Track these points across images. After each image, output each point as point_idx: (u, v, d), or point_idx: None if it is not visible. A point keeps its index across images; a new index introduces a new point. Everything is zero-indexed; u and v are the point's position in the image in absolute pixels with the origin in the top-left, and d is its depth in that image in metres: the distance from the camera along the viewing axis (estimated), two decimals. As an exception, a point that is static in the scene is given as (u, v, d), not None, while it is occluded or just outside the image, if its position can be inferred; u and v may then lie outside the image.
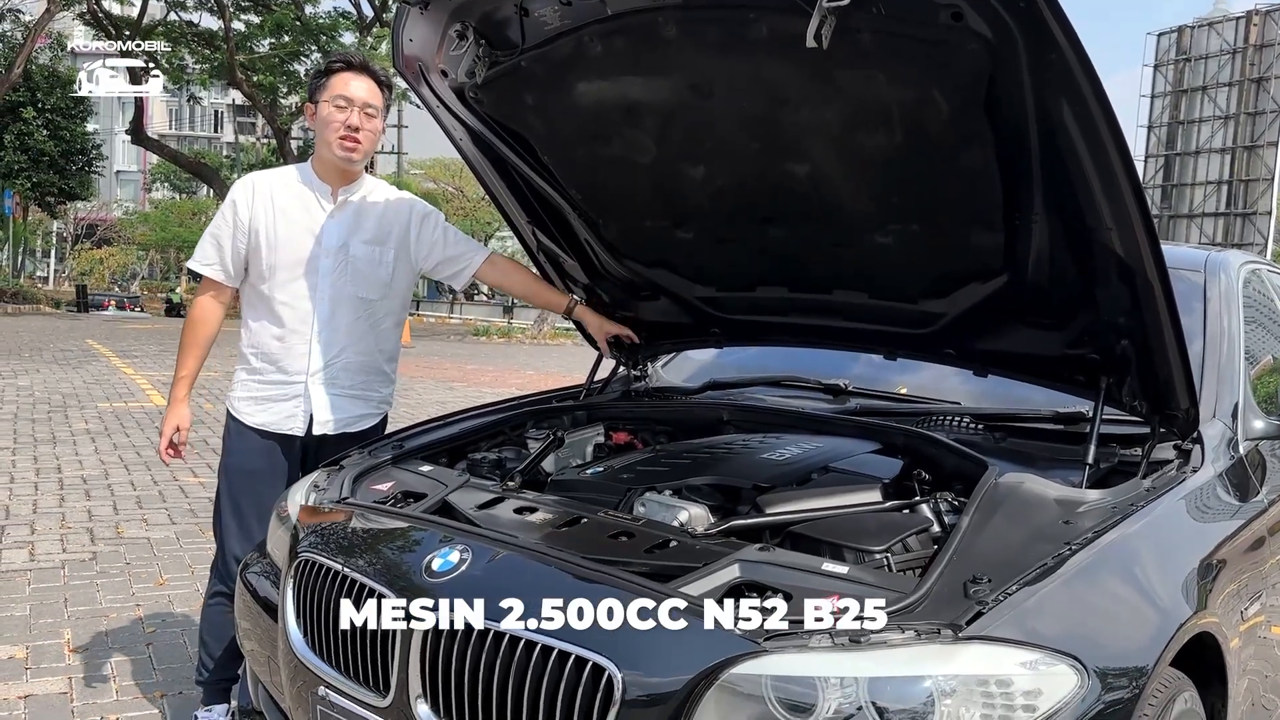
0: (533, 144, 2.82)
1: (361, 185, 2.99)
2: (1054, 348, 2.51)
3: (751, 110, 2.39)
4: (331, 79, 2.84)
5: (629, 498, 2.34)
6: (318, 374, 2.93)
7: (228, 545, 2.97)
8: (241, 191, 2.93)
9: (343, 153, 2.84)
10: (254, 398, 2.96)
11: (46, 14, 24.25)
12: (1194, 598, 2.05)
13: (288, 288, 2.89)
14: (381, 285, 2.98)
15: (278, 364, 2.93)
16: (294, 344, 2.92)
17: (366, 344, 2.99)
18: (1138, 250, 2.07)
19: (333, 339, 2.93)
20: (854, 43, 2.01)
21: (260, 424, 2.95)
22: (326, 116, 2.83)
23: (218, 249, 2.92)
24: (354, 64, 2.88)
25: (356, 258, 2.93)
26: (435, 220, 3.10)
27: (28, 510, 5.61)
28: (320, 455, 2.92)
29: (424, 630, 1.89)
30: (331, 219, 2.92)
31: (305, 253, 2.89)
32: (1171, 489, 2.27)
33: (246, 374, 2.98)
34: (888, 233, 2.52)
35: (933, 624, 1.67)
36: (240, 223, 2.89)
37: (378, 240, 2.96)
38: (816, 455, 2.56)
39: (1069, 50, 1.81)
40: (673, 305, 3.20)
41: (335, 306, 2.92)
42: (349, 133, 2.82)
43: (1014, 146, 2.10)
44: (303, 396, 2.94)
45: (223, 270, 2.92)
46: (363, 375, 3.01)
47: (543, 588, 1.89)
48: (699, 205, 2.78)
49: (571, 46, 2.43)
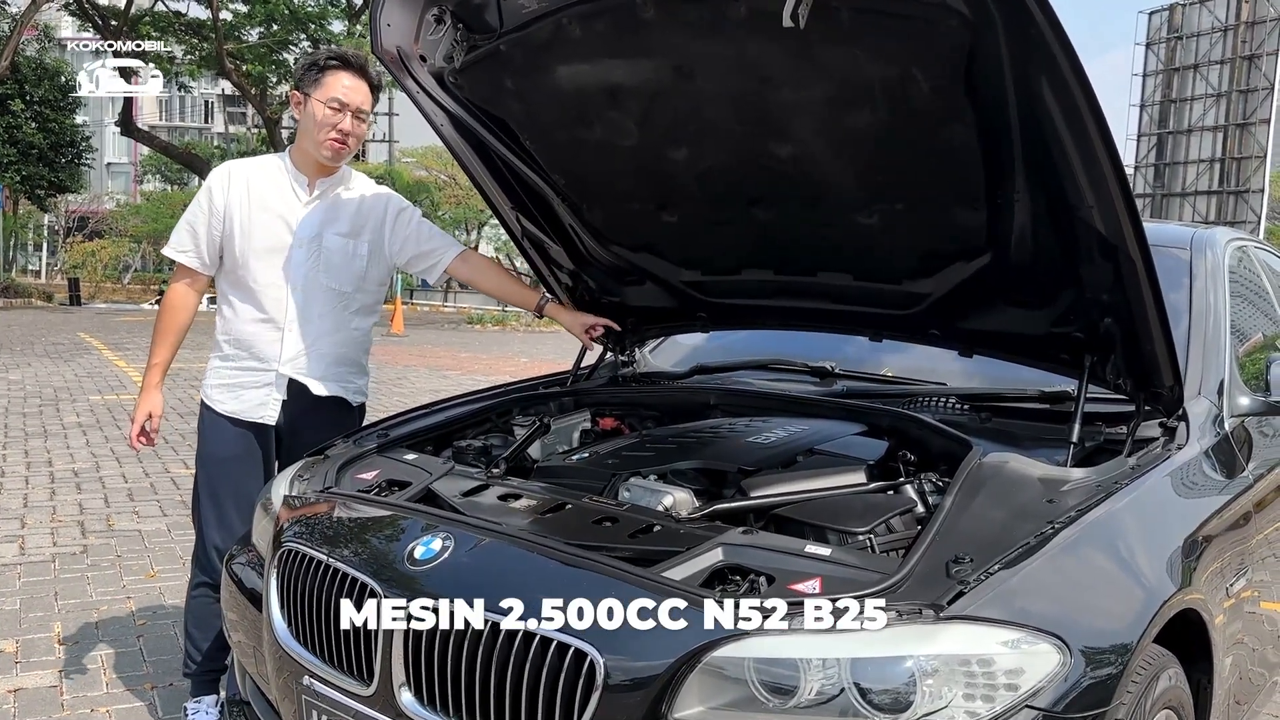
0: (514, 129, 2.80)
1: (339, 178, 2.99)
2: (1038, 327, 2.50)
3: (733, 91, 2.37)
4: (327, 76, 2.83)
5: (614, 483, 2.33)
6: (290, 363, 2.94)
7: (207, 535, 2.98)
8: (218, 179, 2.93)
9: (330, 154, 2.87)
10: (226, 385, 2.97)
11: (33, 5, 24.08)
12: (1178, 574, 2.05)
13: (261, 276, 2.90)
14: (354, 278, 2.99)
15: (251, 350, 2.94)
16: (267, 332, 2.93)
17: (340, 335, 3.00)
18: (1119, 227, 2.07)
19: (306, 329, 2.94)
20: (833, 21, 2.00)
21: (232, 411, 2.95)
22: (319, 116, 2.83)
23: (193, 236, 2.92)
24: (352, 64, 2.87)
25: (330, 249, 2.94)
26: (410, 215, 3.11)
27: (18, 504, 5.60)
28: (293, 444, 2.95)
29: (406, 619, 1.88)
30: (307, 210, 2.93)
31: (279, 242, 2.90)
32: (1156, 466, 2.27)
33: (220, 361, 2.99)
34: (871, 213, 2.51)
35: (914, 604, 1.67)
36: (216, 210, 2.89)
37: (352, 233, 2.98)
38: (802, 438, 2.56)
39: (1047, 27, 1.80)
40: (659, 290, 3.19)
41: (308, 296, 2.93)
42: (340, 137, 2.84)
43: (995, 124, 2.09)
44: (274, 384, 2.94)
45: (198, 257, 2.93)
46: (336, 366, 3.01)
47: (525, 574, 1.89)
48: (683, 188, 2.77)
49: (550, 29, 2.41)
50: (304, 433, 2.96)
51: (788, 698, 1.62)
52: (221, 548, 2.89)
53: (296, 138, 2.97)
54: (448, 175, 44.32)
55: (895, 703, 1.60)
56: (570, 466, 2.52)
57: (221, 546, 2.90)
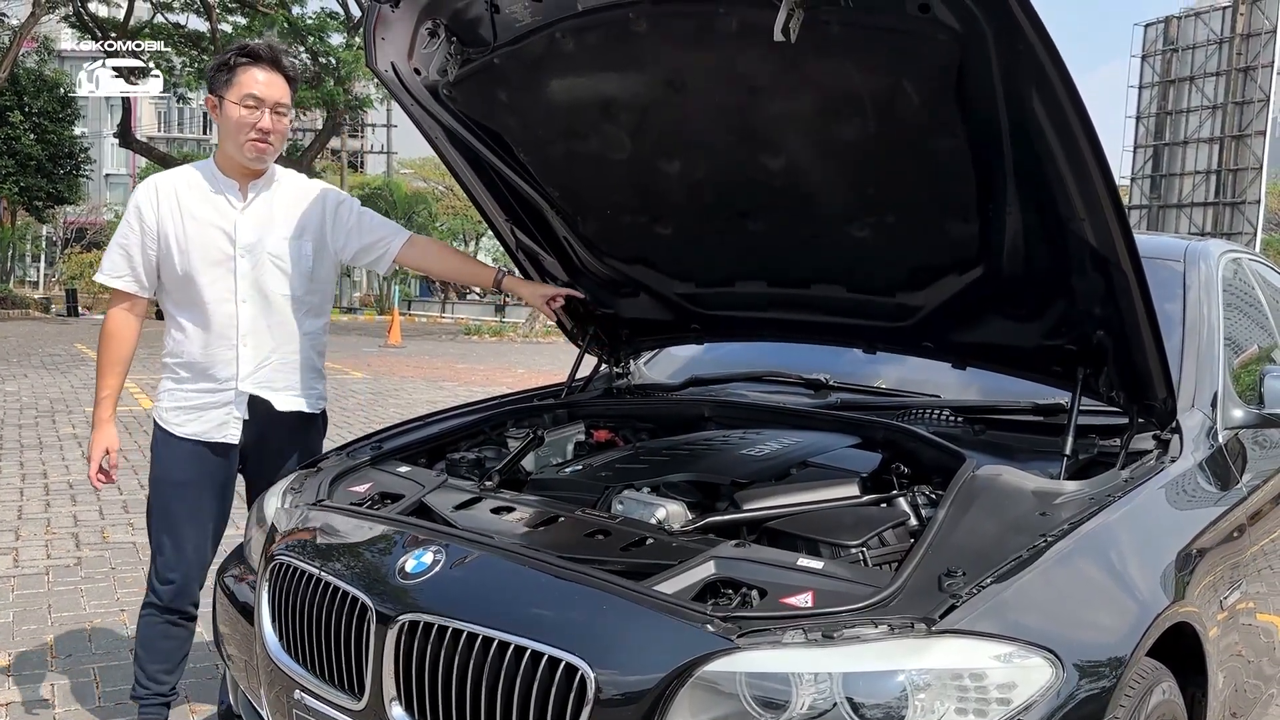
0: (508, 142, 2.80)
1: (270, 179, 2.87)
2: (1031, 339, 2.50)
3: (725, 104, 2.38)
4: (238, 74, 2.70)
5: (607, 496, 2.33)
6: (248, 379, 2.83)
7: (159, 560, 2.87)
8: (145, 195, 2.78)
9: (254, 155, 2.74)
10: (182, 407, 2.84)
11: (32, 17, 24.16)
12: (1172, 587, 2.05)
13: (206, 292, 2.77)
14: (303, 279, 2.88)
15: (206, 372, 2.82)
16: (220, 350, 2.80)
17: (295, 343, 2.89)
18: (1110, 240, 2.07)
19: (261, 341, 2.83)
20: (823, 35, 2.00)
21: (192, 434, 2.83)
22: (235, 118, 2.70)
23: (127, 259, 2.78)
24: (262, 56, 2.73)
25: (274, 254, 2.82)
26: (350, 206, 3.00)
27: (13, 516, 5.59)
28: (258, 459, 2.90)
29: (397, 632, 1.88)
30: (243, 217, 2.80)
31: (219, 254, 2.77)
32: (1150, 479, 2.27)
33: (174, 383, 2.86)
34: (863, 225, 2.51)
35: (906, 618, 1.67)
36: (148, 229, 2.76)
37: (294, 234, 2.86)
38: (795, 450, 2.55)
39: (1037, 41, 1.80)
40: (653, 302, 3.19)
41: (259, 307, 2.82)
42: (261, 136, 2.72)
43: (986, 137, 2.10)
44: (234, 403, 2.83)
45: (135, 280, 2.79)
46: (295, 374, 2.91)
47: (517, 588, 1.89)
48: (676, 201, 2.77)
49: (544, 44, 2.42)
50: (268, 446, 2.89)
51: (780, 712, 1.61)
52: (174, 575, 2.84)
53: (219, 143, 2.82)
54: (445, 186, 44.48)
55: (887, 717, 1.60)
56: (563, 479, 2.52)
57: (174, 573, 2.84)
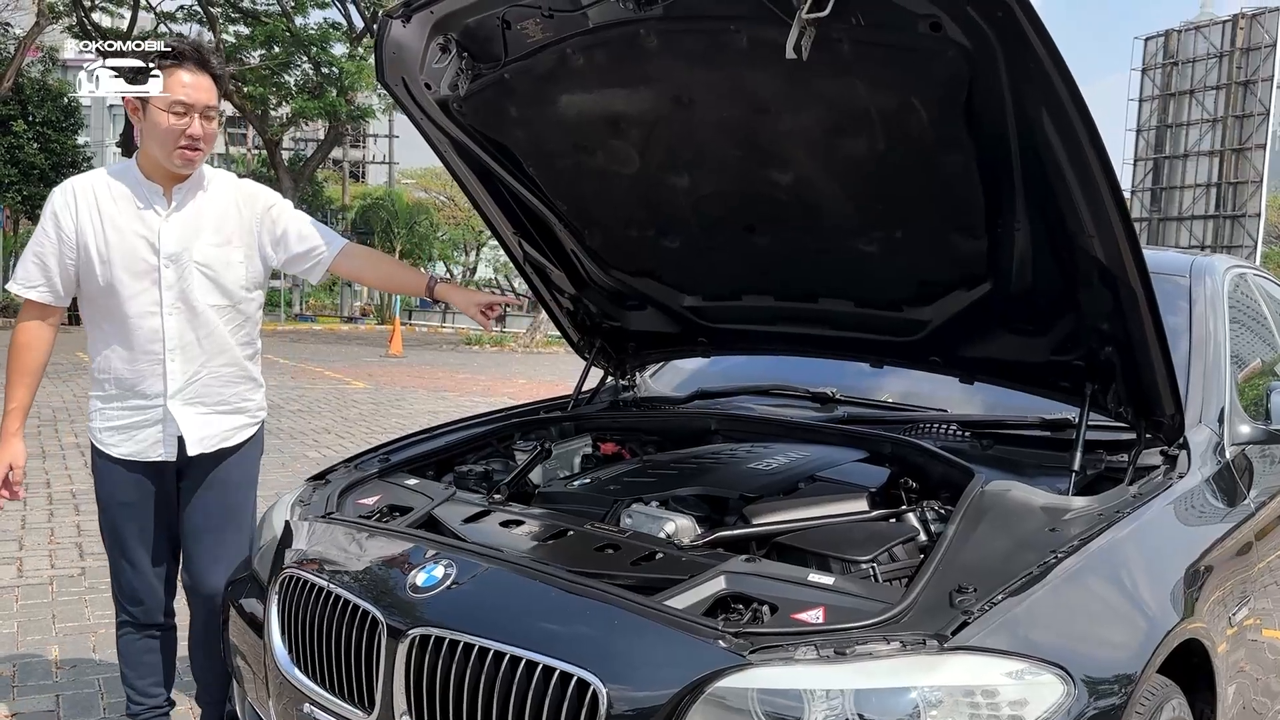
0: (517, 155, 2.81)
1: (198, 182, 2.67)
2: (1039, 354, 2.51)
3: (734, 119, 2.39)
4: (163, 77, 2.52)
5: (615, 509, 2.33)
6: (178, 394, 2.65)
7: (122, 579, 2.79)
8: (62, 201, 2.59)
9: (182, 163, 2.57)
10: (114, 427, 2.68)
11: (36, 27, 24.23)
12: (1181, 604, 2.05)
13: (129, 304, 2.59)
14: (233, 289, 2.71)
15: (133, 389, 2.65)
16: (146, 365, 2.63)
17: (227, 355, 2.72)
18: (1119, 256, 2.08)
19: (188, 354, 2.65)
20: (833, 52, 2.01)
21: (125, 454, 2.68)
22: (162, 124, 2.52)
23: (42, 268, 2.59)
24: (189, 58, 2.54)
25: (201, 263, 2.64)
26: (282, 210, 2.81)
27: (16, 526, 5.58)
28: (197, 476, 2.74)
29: (408, 646, 1.88)
30: (168, 224, 2.61)
31: (143, 264, 2.59)
32: (1158, 495, 2.27)
33: (102, 401, 2.69)
34: (871, 240, 2.52)
35: (918, 635, 1.67)
36: (66, 237, 2.57)
37: (222, 240, 2.68)
38: (804, 465, 2.56)
39: (1047, 59, 1.81)
40: (660, 315, 3.20)
41: (186, 319, 2.64)
42: (191, 143, 2.54)
43: (995, 153, 2.11)
44: (165, 421, 2.66)
45: (50, 291, 2.60)
46: (229, 388, 2.75)
47: (528, 602, 1.89)
48: (684, 214, 2.78)
49: (554, 59, 2.43)
50: (206, 463, 2.74)
51: (791, 728, 1.62)
52: (139, 593, 2.78)
53: (141, 144, 2.61)
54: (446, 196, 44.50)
55: (899, 733, 1.60)
56: (572, 492, 2.52)
57: (139, 592, 2.78)
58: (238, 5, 28.35)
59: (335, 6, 28.58)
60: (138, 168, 2.63)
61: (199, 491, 2.74)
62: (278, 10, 28.00)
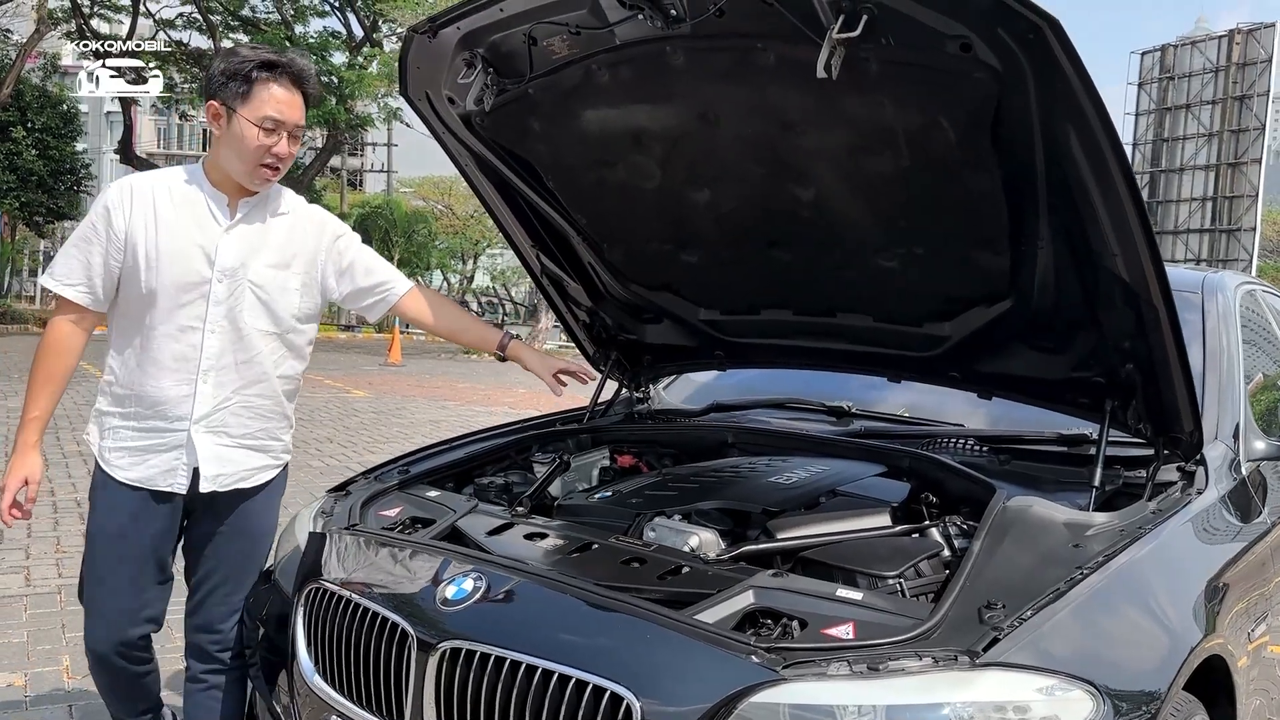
0: (538, 169, 2.83)
1: (266, 197, 2.50)
2: (1059, 371, 2.53)
3: (758, 135, 2.41)
4: (256, 89, 2.34)
5: (638, 523, 2.34)
6: (203, 421, 2.43)
7: (96, 622, 2.48)
8: (117, 197, 2.40)
9: (260, 182, 2.42)
10: (127, 448, 2.44)
11: (36, 34, 24.25)
12: (1203, 620, 2.07)
13: (171, 316, 2.39)
14: (284, 316, 2.51)
15: (156, 408, 2.42)
16: (175, 384, 2.41)
17: (264, 386, 2.51)
18: (1143, 275, 2.10)
19: (223, 378, 2.44)
20: (862, 71, 2.03)
21: (135, 479, 2.43)
22: (250, 140, 2.34)
23: (84, 266, 2.39)
24: (288, 71, 2.38)
25: (256, 283, 2.45)
26: (350, 242, 2.65)
27: (22, 535, 5.56)
28: (204, 517, 2.52)
29: (438, 659, 1.89)
30: (227, 236, 2.43)
31: (195, 275, 2.39)
32: (1177, 512, 2.29)
33: (119, 419, 2.45)
34: (892, 256, 2.54)
35: (949, 650, 1.69)
36: (115, 235, 2.37)
37: (282, 264, 2.49)
38: (824, 479, 2.57)
39: (1076, 81, 1.84)
40: (676, 328, 3.21)
41: (229, 340, 2.44)
42: (275, 162, 2.39)
43: (1020, 172, 2.12)
44: (185, 447, 2.43)
45: (89, 292, 2.40)
46: (259, 422, 2.52)
47: (559, 615, 1.90)
48: (704, 229, 2.80)
49: (579, 75, 2.45)
50: (223, 505, 2.51)
51: (824, 744, 1.62)
52: (114, 633, 2.46)
53: (213, 151, 2.44)
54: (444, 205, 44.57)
55: (932, 750, 1.61)
56: (593, 505, 2.53)
57: (110, 639, 2.46)
58: (237, 13, 28.42)
59: (335, 15, 28.65)
60: (204, 174, 2.46)
61: (216, 538, 2.53)
62: (277, 19, 28.05)
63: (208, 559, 2.54)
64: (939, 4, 1.87)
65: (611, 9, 2.23)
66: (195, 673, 2.60)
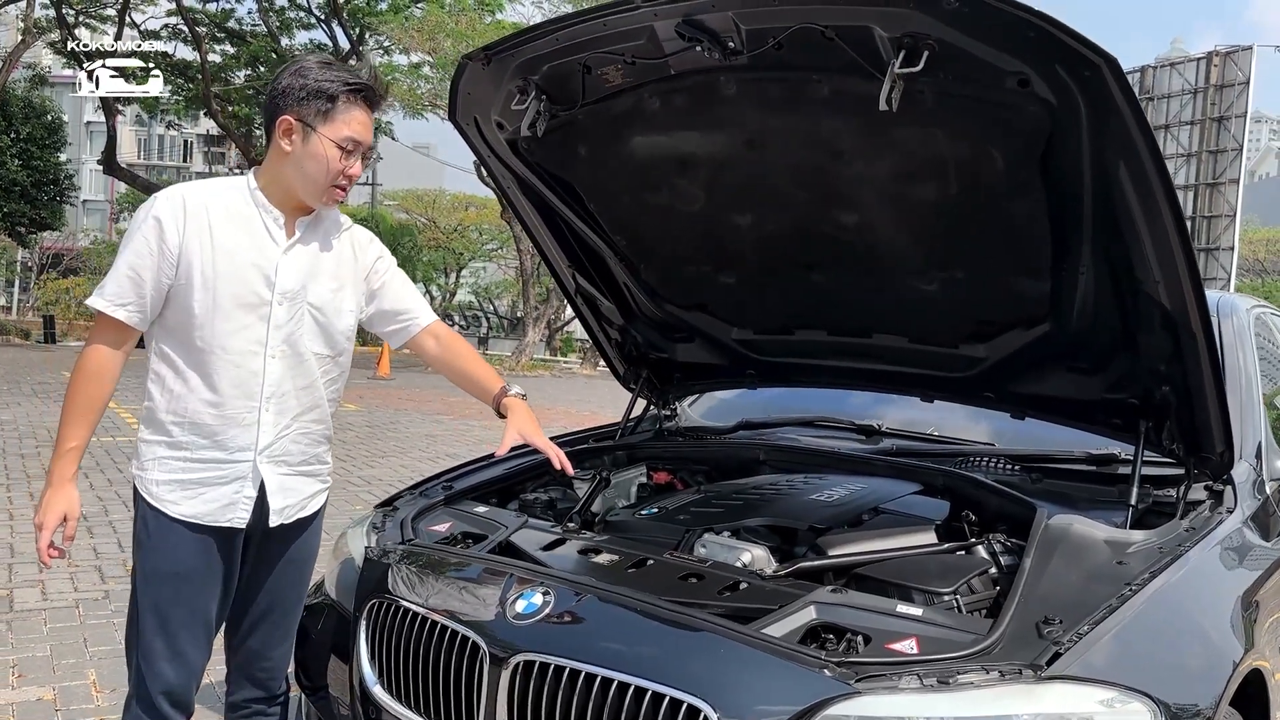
0: (581, 192, 2.89)
1: (324, 217, 2.40)
2: (1093, 392, 2.60)
3: (804, 162, 2.48)
4: (339, 109, 2.23)
5: (688, 539, 2.39)
6: (266, 450, 2.30)
7: (156, 673, 2.28)
8: (168, 209, 2.22)
9: (329, 203, 2.32)
10: (180, 481, 2.26)
11: (22, 44, 24.17)
12: (1243, 636, 2.13)
13: (230, 340, 2.24)
14: (339, 338, 2.41)
15: (214, 438, 2.26)
16: (237, 413, 2.26)
17: (319, 411, 2.41)
18: (1183, 301, 2.18)
19: (283, 405, 2.32)
20: (917, 103, 2.10)
21: (191, 515, 2.26)
22: (328, 159, 2.23)
23: (135, 284, 2.21)
24: (374, 96, 2.30)
25: (315, 306, 2.33)
26: (388, 264, 2.55)
27: (32, 548, 5.52)
28: (262, 548, 2.38)
29: (511, 672, 1.93)
30: (286, 257, 2.30)
31: (253, 297, 2.25)
32: (1211, 530, 2.36)
33: (168, 449, 2.27)
34: (933, 280, 2.61)
35: (1015, 664, 1.74)
36: (168, 251, 2.20)
37: (337, 285, 2.39)
38: (865, 497, 2.63)
39: (1130, 116, 1.91)
40: (708, 347, 3.27)
41: (287, 365, 2.31)
42: (347, 183, 2.29)
43: (1066, 202, 2.20)
44: (247, 479, 2.29)
45: (139, 312, 2.22)
46: (313, 447, 2.42)
47: (629, 629, 1.95)
48: (742, 251, 2.86)
49: (630, 102, 2.51)
50: (281, 535, 2.38)
51: (897, 756, 1.68)
52: (176, 688, 2.29)
53: (271, 165, 2.30)
54: (428, 218, 44.56)
55: (1002, 761, 1.67)
56: (640, 521, 2.58)
57: (176, 687, 2.29)
58: (223, 25, 28.39)
59: (321, 28, 28.68)
60: (259, 188, 2.30)
61: (268, 567, 2.41)
62: (263, 31, 28.04)
63: (258, 588, 2.42)
64: (999, 41, 1.94)
65: (669, 41, 2.29)
66: (240, 699, 2.50)
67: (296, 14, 28.46)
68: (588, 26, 2.37)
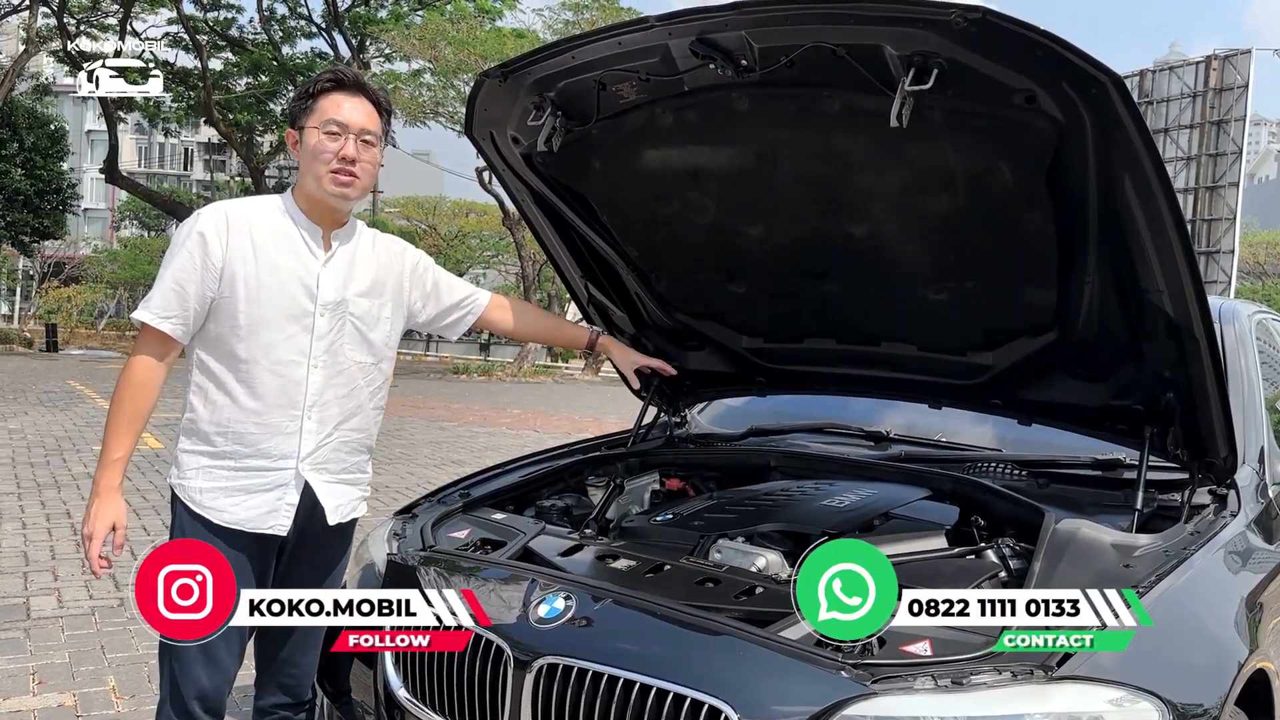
0: (594, 205, 2.94)
1: (353, 230, 2.50)
2: (1098, 399, 2.65)
3: (815, 175, 2.54)
4: (319, 101, 2.35)
5: (703, 544, 2.44)
6: (309, 458, 2.38)
7: (189, 675, 2.31)
8: (212, 224, 2.31)
9: (336, 189, 2.35)
10: (223, 488, 2.33)
11: (25, 54, 24.27)
12: (1248, 637, 2.18)
13: (274, 350, 2.33)
14: (380, 346, 2.50)
15: (259, 446, 2.34)
16: (280, 422, 2.34)
17: (360, 419, 2.48)
18: (1186, 309, 2.23)
19: (325, 414, 2.39)
20: (926, 119, 2.16)
21: (234, 522, 2.32)
22: (315, 146, 2.33)
23: (181, 298, 2.29)
24: (346, 82, 2.39)
25: (355, 315, 2.43)
26: (428, 264, 2.69)
27: (46, 556, 5.61)
28: (297, 557, 2.45)
29: (535, 676, 1.99)
30: (326, 269, 2.40)
31: (296, 308, 2.35)
32: (1216, 533, 2.41)
33: (210, 459, 2.34)
34: (942, 289, 2.66)
35: (1026, 665, 1.80)
36: (212, 264, 2.29)
37: (374, 294, 2.49)
38: (876, 502, 2.69)
39: (1134, 131, 1.97)
40: (718, 355, 3.32)
41: (331, 374, 2.39)
42: (343, 165, 2.33)
43: (1073, 213, 2.26)
44: (289, 486, 2.36)
45: (183, 324, 2.30)
46: (354, 456, 2.49)
47: (650, 632, 2.00)
48: (753, 261, 2.92)
49: (644, 118, 2.57)
50: (311, 543, 2.45)
51: (913, 754, 1.73)
52: (210, 693, 2.34)
53: (298, 182, 2.44)
54: (428, 224, 44.68)
55: (1014, 760, 1.72)
56: (655, 528, 2.63)
57: (210, 691, 2.34)
58: (224, 33, 28.51)
59: (322, 37, 28.84)
60: (296, 205, 2.41)
61: (301, 574, 2.45)
62: (265, 39, 28.16)
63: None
64: (1007, 60, 2.00)
65: (683, 58, 2.35)
66: (268, 704, 2.56)
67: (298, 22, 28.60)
68: (603, 45, 2.43)
